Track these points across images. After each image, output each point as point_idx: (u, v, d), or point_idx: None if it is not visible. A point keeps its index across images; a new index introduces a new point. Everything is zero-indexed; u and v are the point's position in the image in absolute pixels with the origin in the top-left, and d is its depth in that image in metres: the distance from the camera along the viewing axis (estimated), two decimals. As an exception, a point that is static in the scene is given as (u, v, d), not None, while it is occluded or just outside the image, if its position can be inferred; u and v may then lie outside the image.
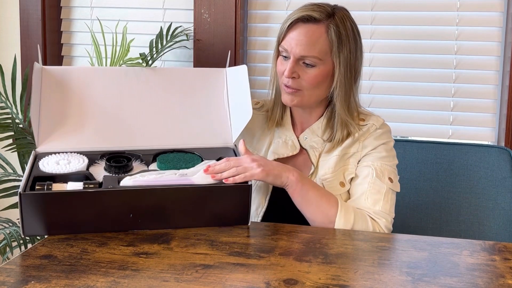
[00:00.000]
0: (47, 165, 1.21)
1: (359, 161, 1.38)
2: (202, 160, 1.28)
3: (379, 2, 1.92)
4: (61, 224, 1.12)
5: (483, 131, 1.89)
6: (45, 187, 1.12)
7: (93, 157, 1.26)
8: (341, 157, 1.37)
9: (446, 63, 1.89)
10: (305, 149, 1.41)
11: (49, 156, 1.24)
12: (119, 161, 1.24)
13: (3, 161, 1.96)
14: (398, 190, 1.37)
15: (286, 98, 1.37)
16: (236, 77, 1.40)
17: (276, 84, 1.43)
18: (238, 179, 1.19)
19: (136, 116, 1.35)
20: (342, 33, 1.33)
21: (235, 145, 1.33)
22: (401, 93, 1.94)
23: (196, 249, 1.06)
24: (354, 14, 1.92)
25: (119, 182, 1.16)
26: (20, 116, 1.91)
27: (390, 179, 1.35)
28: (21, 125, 1.89)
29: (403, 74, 1.93)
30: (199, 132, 1.36)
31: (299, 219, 1.37)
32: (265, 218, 1.41)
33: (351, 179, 1.37)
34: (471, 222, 1.67)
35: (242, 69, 1.37)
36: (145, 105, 1.36)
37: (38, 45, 1.41)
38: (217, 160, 1.27)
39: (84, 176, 1.19)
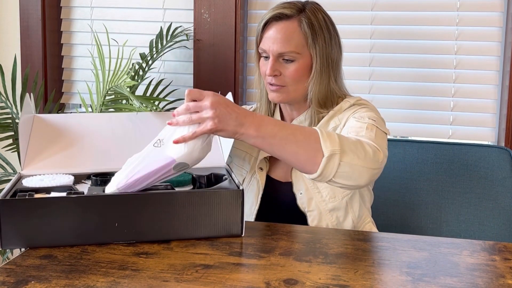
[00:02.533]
0: (31, 182, 1.16)
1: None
2: (193, 177, 1.23)
3: (379, 2, 1.92)
4: (43, 236, 1.05)
5: (483, 131, 1.89)
6: (27, 195, 1.06)
7: (80, 178, 1.22)
8: None
9: (446, 63, 1.89)
10: None
11: (34, 176, 1.19)
12: (106, 176, 1.19)
13: (3, 161, 1.96)
14: (388, 132, 1.29)
15: (272, 96, 1.39)
16: None
17: (261, 85, 1.46)
18: (188, 138, 1.06)
19: (126, 144, 1.31)
20: (315, 24, 1.36)
21: (227, 164, 1.29)
22: (401, 93, 1.94)
23: (196, 249, 1.06)
24: (354, 14, 1.94)
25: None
26: (20, 116, 1.91)
27: (372, 119, 1.27)
28: (21, 125, 1.89)
29: (403, 74, 1.93)
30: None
31: (293, 214, 1.39)
32: (259, 215, 1.42)
33: None
34: (471, 222, 1.67)
35: (228, 97, 1.33)
36: (135, 138, 1.34)
37: (30, 95, 1.37)
38: (207, 176, 1.23)
39: (69, 188, 1.14)
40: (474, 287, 0.93)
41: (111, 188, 1.10)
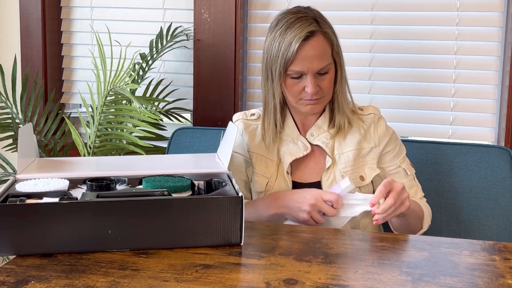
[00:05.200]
0: (24, 186, 1.12)
1: (379, 156, 1.46)
2: (192, 183, 1.17)
3: (379, 2, 1.92)
4: (34, 243, 1.01)
5: (483, 131, 1.89)
6: (18, 201, 1.02)
7: (76, 182, 1.17)
8: (358, 151, 1.43)
9: (446, 63, 1.89)
10: (317, 145, 1.44)
11: (28, 180, 1.15)
12: (102, 181, 1.16)
13: (3, 161, 1.96)
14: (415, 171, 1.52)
15: (311, 108, 1.41)
16: (224, 139, 1.36)
17: (280, 106, 1.43)
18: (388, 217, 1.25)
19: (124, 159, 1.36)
20: (333, 31, 1.40)
21: (228, 169, 1.23)
22: (401, 93, 1.94)
23: (196, 249, 1.06)
24: (354, 14, 1.94)
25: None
26: (20, 116, 1.91)
27: (411, 164, 1.50)
28: (21, 125, 1.89)
29: (403, 74, 1.93)
30: (190, 163, 1.36)
31: None
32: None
33: (375, 175, 1.44)
34: (471, 222, 1.67)
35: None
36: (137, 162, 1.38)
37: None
38: (206, 181, 1.19)
39: (63, 194, 1.09)
40: (474, 287, 0.93)
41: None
